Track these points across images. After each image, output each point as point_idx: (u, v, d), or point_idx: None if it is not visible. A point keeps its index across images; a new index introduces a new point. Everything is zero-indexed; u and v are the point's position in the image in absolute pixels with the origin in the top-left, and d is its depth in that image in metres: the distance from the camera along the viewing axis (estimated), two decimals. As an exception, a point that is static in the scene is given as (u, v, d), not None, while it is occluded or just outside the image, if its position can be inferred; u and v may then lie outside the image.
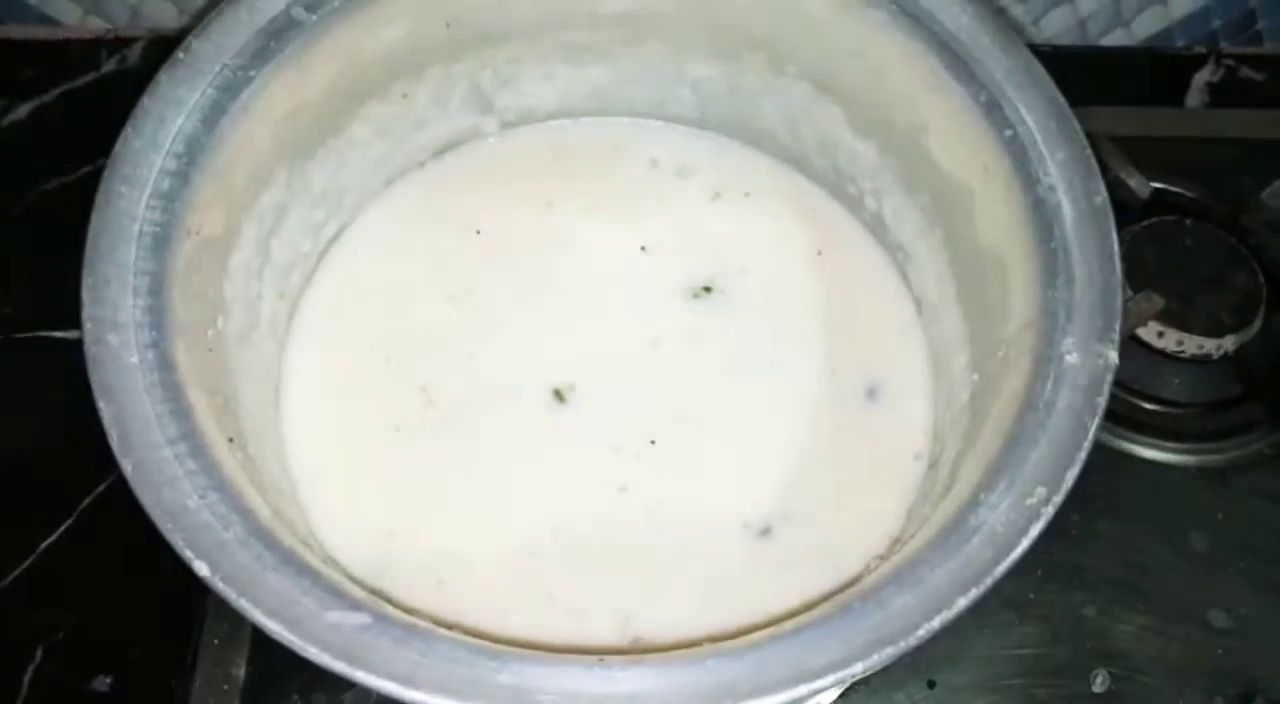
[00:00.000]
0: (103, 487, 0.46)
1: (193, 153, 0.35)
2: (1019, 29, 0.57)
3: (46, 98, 0.55)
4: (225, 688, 0.42)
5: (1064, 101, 0.36)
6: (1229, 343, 0.48)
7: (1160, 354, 0.48)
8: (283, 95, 0.38)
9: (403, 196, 0.46)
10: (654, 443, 0.42)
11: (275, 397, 0.42)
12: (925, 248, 0.43)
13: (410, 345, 0.43)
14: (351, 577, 0.37)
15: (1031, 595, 0.44)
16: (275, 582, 0.30)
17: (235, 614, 0.29)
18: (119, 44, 0.57)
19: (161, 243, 0.34)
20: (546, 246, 0.45)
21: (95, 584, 0.45)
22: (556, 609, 0.38)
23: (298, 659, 0.29)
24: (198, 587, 0.30)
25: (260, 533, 0.30)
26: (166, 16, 0.57)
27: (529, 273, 0.45)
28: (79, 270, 0.33)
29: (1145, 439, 0.48)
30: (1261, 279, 0.49)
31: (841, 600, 0.30)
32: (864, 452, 0.42)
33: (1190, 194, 0.52)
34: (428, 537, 0.40)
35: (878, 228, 0.46)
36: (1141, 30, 0.58)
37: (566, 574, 0.39)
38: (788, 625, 0.30)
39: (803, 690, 0.28)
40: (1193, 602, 0.45)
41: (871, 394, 0.43)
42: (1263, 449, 0.48)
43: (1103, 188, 0.35)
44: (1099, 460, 0.33)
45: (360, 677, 0.28)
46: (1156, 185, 0.51)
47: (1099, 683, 0.43)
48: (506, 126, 0.47)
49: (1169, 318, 0.47)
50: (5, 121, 0.55)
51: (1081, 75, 0.40)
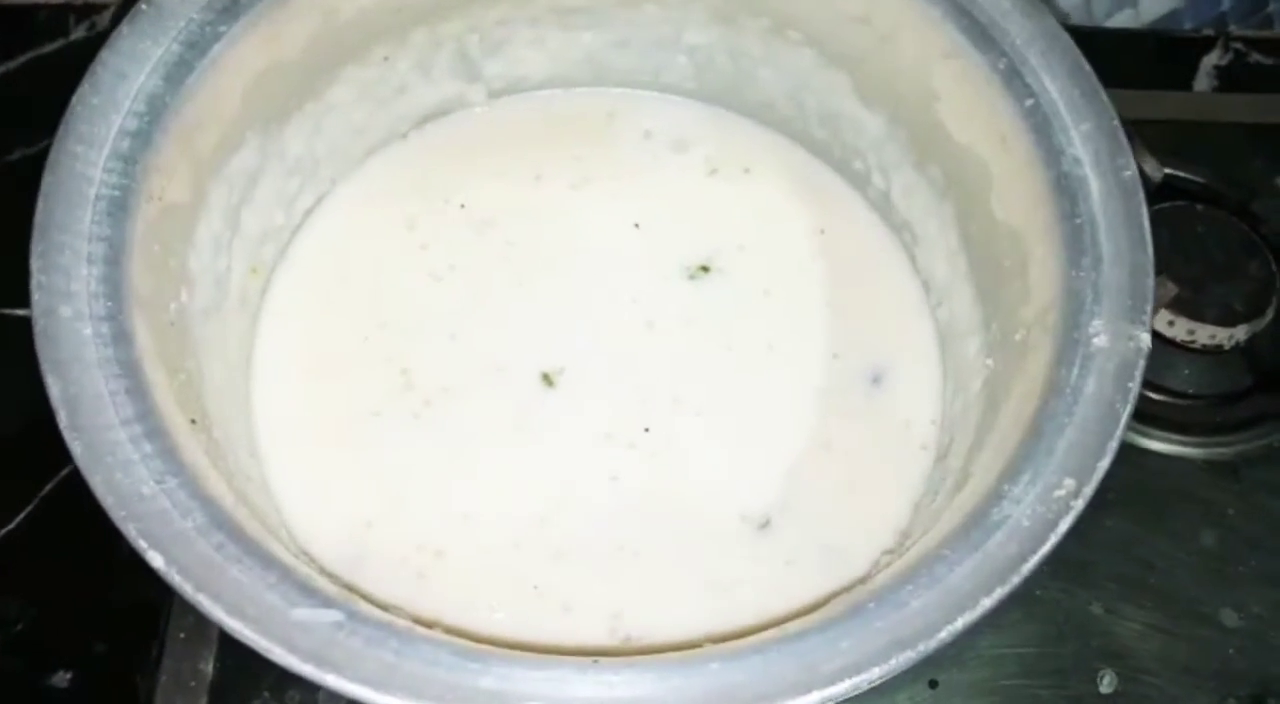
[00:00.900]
0: (64, 473, 0.45)
1: (155, 112, 0.34)
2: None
3: (12, 65, 0.54)
4: (192, 684, 0.41)
5: (1090, 70, 0.36)
6: (1241, 333, 0.47)
7: (1171, 343, 0.48)
8: (254, 53, 0.37)
9: (384, 167, 0.46)
10: (647, 430, 0.41)
11: (245, 377, 0.41)
12: (935, 225, 0.42)
13: (390, 325, 0.42)
14: (324, 570, 0.37)
15: (1036, 592, 0.44)
16: (238, 575, 0.29)
17: (201, 607, 0.28)
18: (89, 10, 0.56)
19: (120, 207, 0.33)
20: (535, 222, 0.45)
21: (56, 575, 0.44)
22: (543, 606, 0.38)
23: (268, 655, 0.28)
24: (161, 579, 0.29)
25: (223, 522, 0.30)
26: (137, -19, 0.56)
27: (516, 249, 0.44)
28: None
29: (1153, 431, 0.47)
30: (1275, 268, 0.48)
31: (853, 599, 0.30)
32: (868, 441, 0.41)
33: (1199, 179, 0.52)
34: (407, 528, 0.39)
35: (883, 205, 0.45)
36: (1149, 12, 0.58)
37: (554, 569, 0.39)
38: (794, 626, 0.29)
39: (814, 698, 0.27)
40: (1202, 599, 0.44)
41: (876, 380, 0.42)
42: (1274, 443, 0.47)
43: (1132, 161, 0.35)
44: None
45: (329, 680, 0.27)
46: (1167, 170, 0.51)
47: (1105, 683, 0.43)
48: (494, 95, 0.47)
49: (1180, 306, 0.47)
50: (-32, 89, 0.55)
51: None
